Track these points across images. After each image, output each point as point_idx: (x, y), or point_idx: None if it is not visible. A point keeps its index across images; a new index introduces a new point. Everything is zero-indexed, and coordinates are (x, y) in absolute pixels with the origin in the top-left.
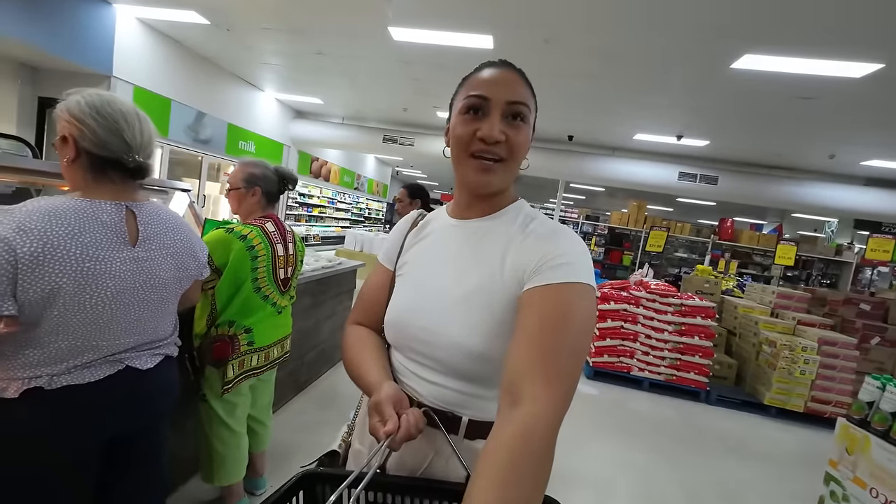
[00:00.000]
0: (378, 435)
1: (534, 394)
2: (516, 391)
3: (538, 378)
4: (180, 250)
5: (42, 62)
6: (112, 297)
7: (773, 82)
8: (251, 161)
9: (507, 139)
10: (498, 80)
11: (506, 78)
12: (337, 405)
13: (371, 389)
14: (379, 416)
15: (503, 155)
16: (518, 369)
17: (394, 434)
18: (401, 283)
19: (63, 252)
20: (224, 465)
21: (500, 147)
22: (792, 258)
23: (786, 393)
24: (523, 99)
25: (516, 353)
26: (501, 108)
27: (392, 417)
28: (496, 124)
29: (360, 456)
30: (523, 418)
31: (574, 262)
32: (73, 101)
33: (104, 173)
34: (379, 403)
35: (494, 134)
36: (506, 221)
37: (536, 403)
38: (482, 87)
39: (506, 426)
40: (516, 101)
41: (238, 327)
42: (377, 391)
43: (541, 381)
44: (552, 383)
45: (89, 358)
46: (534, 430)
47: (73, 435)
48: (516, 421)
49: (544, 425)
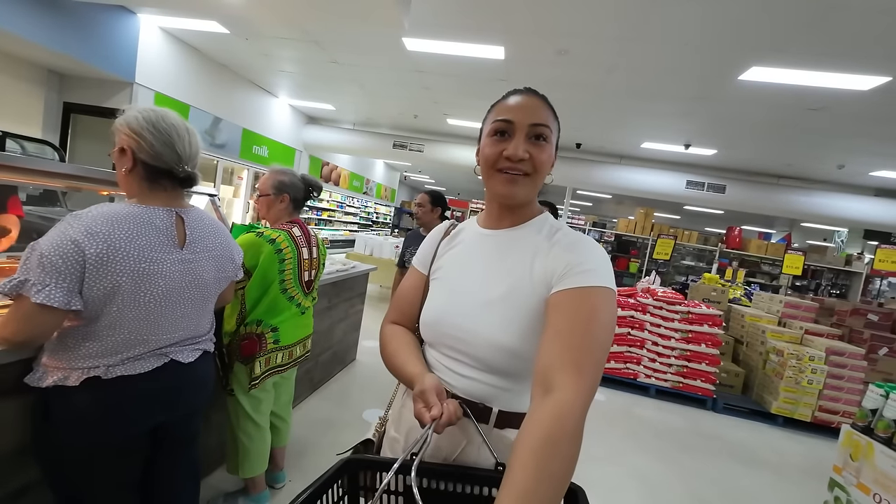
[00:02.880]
0: (424, 419)
1: (564, 383)
2: (549, 381)
3: (568, 369)
4: (221, 253)
5: (68, 69)
6: (162, 295)
7: (780, 94)
8: (280, 169)
9: (531, 157)
10: (522, 106)
11: (529, 103)
12: (349, 405)
13: (414, 380)
14: (424, 402)
15: (527, 170)
16: (550, 362)
17: (438, 419)
18: (436, 286)
19: (124, 253)
20: (249, 458)
21: (524, 164)
22: (800, 268)
23: (793, 402)
24: (545, 121)
25: (548, 349)
26: (525, 130)
27: (436, 404)
28: (521, 144)
29: (396, 443)
30: (556, 404)
31: (597, 269)
32: (131, 115)
33: (158, 182)
34: (424, 392)
35: (519, 153)
36: (532, 232)
37: (567, 391)
38: (508, 112)
39: (541, 410)
40: (539, 124)
41: (265, 326)
42: (421, 381)
43: (571, 372)
44: (581, 374)
45: (140, 351)
46: (566, 413)
47: (125, 420)
48: (550, 406)
49: (575, 410)
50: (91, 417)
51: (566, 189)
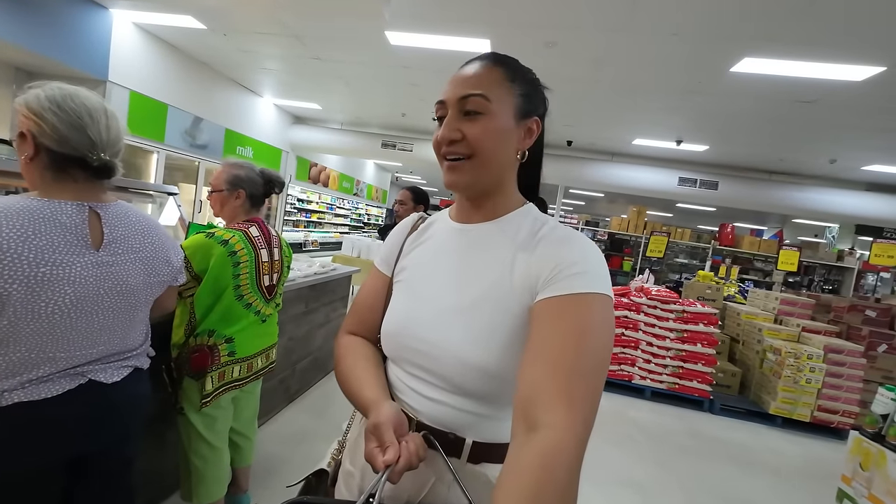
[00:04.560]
0: (376, 464)
1: (553, 420)
2: (532, 415)
3: (557, 401)
4: (151, 254)
5: (37, 66)
6: (71, 305)
7: (772, 86)
8: (235, 162)
9: (464, 136)
10: (454, 81)
11: (462, 76)
12: (330, 415)
13: (368, 408)
14: (377, 441)
15: (464, 152)
16: (533, 390)
17: (393, 464)
18: (399, 289)
19: (13, 256)
20: (203, 482)
21: (458, 146)
22: (795, 264)
23: (791, 402)
24: (478, 90)
25: (531, 372)
26: (455, 108)
27: (392, 444)
28: (449, 124)
29: (350, 479)
30: (543, 447)
31: (591, 271)
32: (32, 94)
33: (65, 172)
34: (378, 426)
35: (445, 134)
36: (512, 226)
37: (556, 429)
38: (442, 93)
39: (524, 455)
40: (466, 95)
41: (218, 337)
42: (376, 411)
43: (561, 405)
44: (573, 406)
45: (46, 371)
46: (556, 460)
47: (27, 454)
48: (536, 450)
49: (567, 453)
50: None
51: (558, 188)
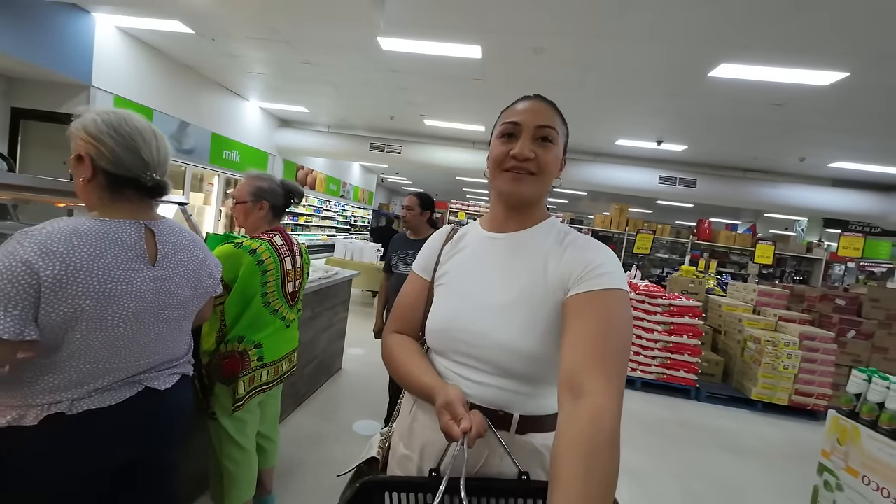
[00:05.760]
0: (453, 433)
1: (595, 388)
2: (577, 386)
3: (598, 374)
4: (197, 267)
5: (16, 71)
6: (133, 318)
7: (747, 90)
8: (258, 174)
9: (537, 157)
10: (529, 109)
11: (536, 107)
12: (338, 418)
13: (432, 390)
14: (451, 415)
15: (533, 170)
16: (576, 367)
17: (469, 431)
18: (442, 292)
19: (85, 274)
20: (235, 485)
21: (530, 163)
22: (771, 256)
23: (771, 387)
24: (551, 124)
25: (572, 353)
26: (531, 132)
27: (465, 416)
28: (526, 144)
29: (407, 461)
30: (591, 408)
31: (614, 272)
32: (88, 118)
33: (121, 192)
34: (451, 403)
35: (524, 152)
36: (541, 234)
37: (600, 396)
38: (516, 115)
39: (577, 416)
40: (544, 126)
41: (248, 343)
42: (443, 392)
43: (601, 377)
44: (610, 378)
45: (109, 381)
46: (603, 417)
47: (93, 459)
48: (586, 411)
49: (611, 414)
50: (54, 459)
51: None
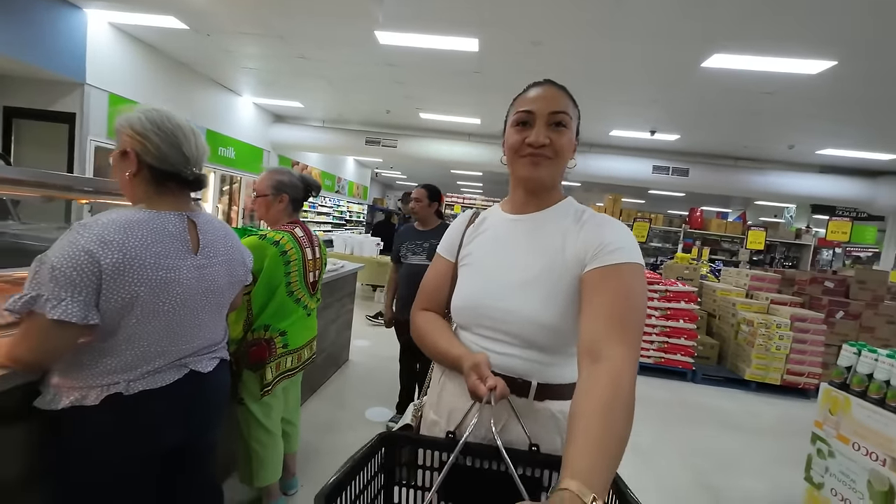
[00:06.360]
0: (479, 391)
1: (612, 352)
2: (596, 352)
3: (615, 340)
4: (232, 257)
5: (8, 70)
6: (180, 304)
7: (739, 79)
8: (278, 169)
9: (552, 142)
10: (541, 97)
11: (548, 94)
12: (349, 406)
13: (461, 358)
14: (478, 375)
15: (549, 154)
16: (595, 335)
17: (494, 389)
18: (467, 271)
19: (140, 262)
20: (263, 466)
21: (546, 149)
22: (762, 242)
23: (764, 368)
24: (564, 109)
25: (591, 323)
26: (545, 119)
27: (490, 376)
28: (541, 131)
29: (435, 426)
30: (610, 370)
31: (628, 247)
32: (133, 116)
33: (164, 185)
34: (478, 364)
35: (540, 139)
36: (559, 215)
37: (617, 359)
38: (529, 103)
39: (595, 379)
40: (557, 111)
41: (273, 331)
42: (470, 357)
43: (618, 343)
44: (628, 345)
45: (160, 364)
46: (621, 378)
47: (149, 436)
48: (604, 373)
49: (627, 376)
50: (114, 436)
51: None
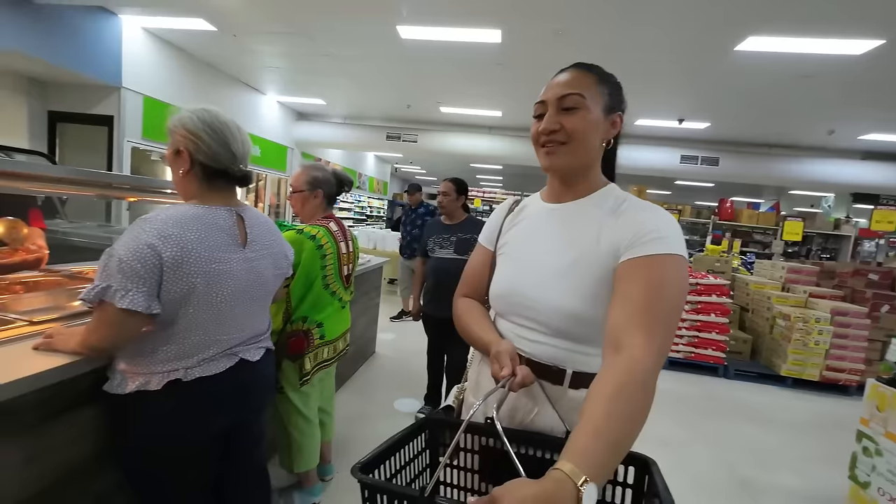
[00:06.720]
0: (499, 377)
1: (633, 343)
2: (618, 342)
3: (638, 332)
4: (276, 250)
5: (50, 76)
6: (231, 295)
7: (775, 62)
8: (313, 165)
9: (563, 126)
10: (553, 84)
11: (560, 80)
12: (378, 398)
13: (490, 345)
14: (500, 363)
15: (562, 140)
16: (619, 326)
17: (510, 377)
18: (503, 260)
19: (196, 255)
20: (302, 453)
21: (557, 135)
22: (800, 234)
23: (801, 363)
24: (575, 90)
25: (617, 314)
26: (555, 105)
27: (508, 365)
28: (551, 118)
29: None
30: (626, 360)
31: (667, 236)
32: (185, 116)
33: (214, 182)
34: (500, 352)
35: (548, 126)
36: (596, 203)
37: (637, 350)
38: (542, 94)
39: (611, 367)
40: (566, 95)
41: (311, 322)
42: (497, 345)
43: (640, 334)
44: (650, 336)
45: (213, 352)
46: (636, 369)
47: (206, 420)
48: (620, 362)
49: (645, 364)
50: (174, 420)
51: None
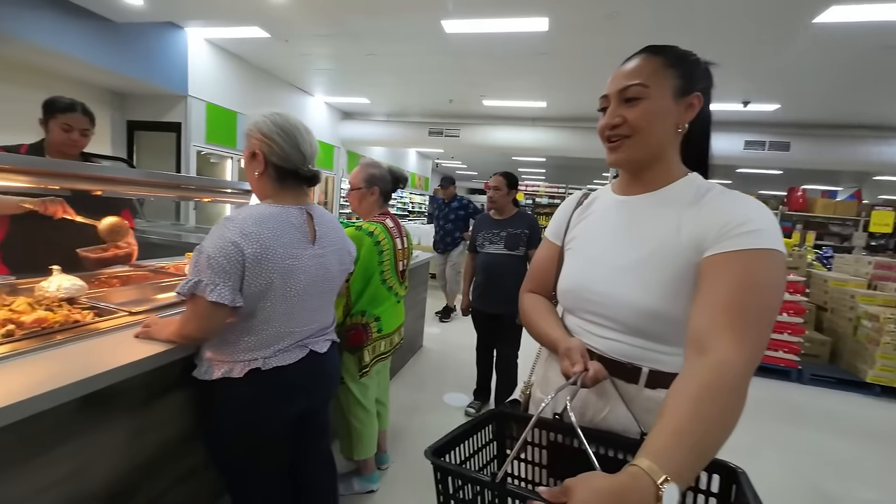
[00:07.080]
0: (570, 374)
1: (721, 345)
2: (702, 344)
3: (725, 333)
4: (341, 246)
5: (128, 89)
6: (303, 289)
7: (856, 34)
8: (370, 162)
9: (625, 119)
10: (614, 77)
11: (620, 71)
12: (428, 390)
13: (558, 342)
14: (570, 360)
15: (626, 133)
16: (704, 328)
17: (582, 373)
18: (571, 255)
19: (273, 252)
20: (362, 441)
21: (621, 128)
22: (891, 224)
23: (891, 370)
24: (635, 80)
25: (702, 314)
26: (616, 99)
27: (579, 361)
28: (612, 113)
29: (541, 403)
30: (713, 362)
31: (761, 229)
32: (260, 121)
33: (286, 182)
34: (570, 349)
35: (610, 121)
36: (675, 195)
37: (725, 352)
38: (605, 88)
39: (696, 367)
40: (626, 86)
41: (369, 316)
42: (566, 341)
43: (728, 336)
44: (740, 339)
45: (287, 343)
46: (725, 371)
47: (281, 407)
48: (706, 363)
49: (736, 367)
50: (254, 405)
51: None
